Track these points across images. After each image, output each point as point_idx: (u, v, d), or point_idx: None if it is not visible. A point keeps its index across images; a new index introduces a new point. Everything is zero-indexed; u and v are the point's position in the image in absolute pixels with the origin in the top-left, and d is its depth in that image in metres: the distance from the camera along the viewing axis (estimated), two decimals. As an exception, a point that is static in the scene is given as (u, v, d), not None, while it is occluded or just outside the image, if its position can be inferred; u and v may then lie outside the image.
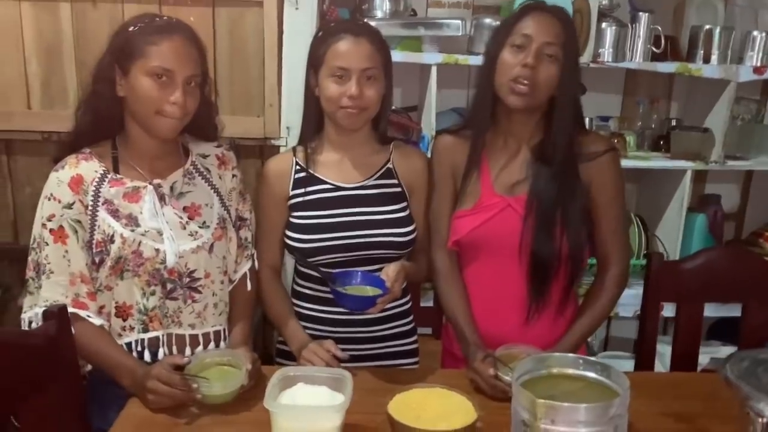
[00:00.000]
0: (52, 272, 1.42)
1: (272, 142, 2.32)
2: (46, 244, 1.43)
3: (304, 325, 1.63)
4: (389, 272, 1.48)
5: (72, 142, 1.51)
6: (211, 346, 1.56)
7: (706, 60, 2.43)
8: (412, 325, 1.76)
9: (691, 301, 1.76)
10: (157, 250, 1.46)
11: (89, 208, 1.44)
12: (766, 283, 1.76)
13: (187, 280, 1.51)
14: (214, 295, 1.56)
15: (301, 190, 1.63)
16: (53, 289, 1.42)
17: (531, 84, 1.48)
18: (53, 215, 1.43)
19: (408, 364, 1.73)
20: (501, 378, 1.39)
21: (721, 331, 2.65)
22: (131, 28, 1.44)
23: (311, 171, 1.65)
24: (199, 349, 1.53)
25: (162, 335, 1.50)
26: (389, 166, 1.67)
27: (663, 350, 1.91)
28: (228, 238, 1.60)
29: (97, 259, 1.45)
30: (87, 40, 2.24)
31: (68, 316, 1.36)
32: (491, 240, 1.57)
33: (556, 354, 1.24)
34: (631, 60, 2.40)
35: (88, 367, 1.50)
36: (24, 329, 1.43)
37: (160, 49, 1.41)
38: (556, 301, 1.59)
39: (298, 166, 1.66)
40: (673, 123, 2.66)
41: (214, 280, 1.55)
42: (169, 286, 1.49)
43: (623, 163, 1.77)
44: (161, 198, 1.50)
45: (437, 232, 1.65)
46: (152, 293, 1.48)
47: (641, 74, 2.63)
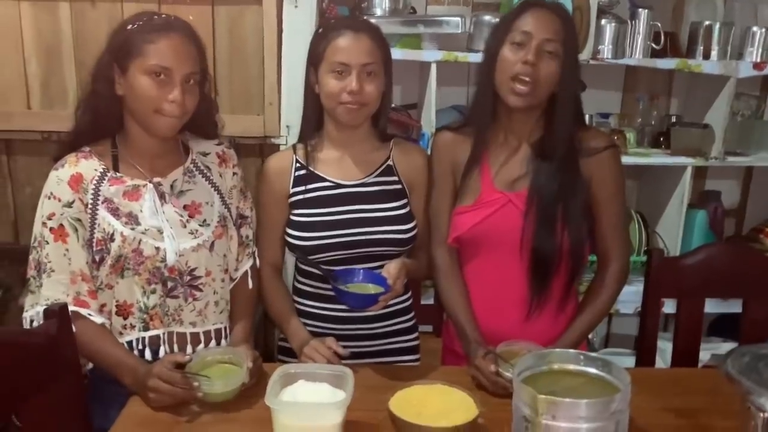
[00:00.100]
0: (53, 271, 1.42)
1: (272, 140, 2.32)
2: (47, 243, 1.43)
3: (305, 323, 1.63)
4: (391, 270, 1.48)
5: (72, 141, 1.51)
6: (212, 344, 1.56)
7: (706, 56, 2.44)
8: (413, 321, 1.76)
9: (692, 297, 1.76)
10: (158, 249, 1.46)
11: (89, 207, 1.44)
12: (767, 279, 1.75)
13: (188, 278, 1.51)
14: (215, 294, 1.56)
15: (302, 188, 1.63)
16: (54, 287, 1.42)
17: (532, 81, 1.47)
18: (53, 214, 1.43)
19: (409, 360, 1.73)
20: (502, 374, 1.39)
21: (722, 328, 2.65)
22: (129, 26, 1.44)
23: (311, 168, 1.64)
24: (200, 347, 1.53)
25: (163, 333, 1.50)
26: (389, 163, 1.66)
27: (664, 347, 1.91)
28: (229, 236, 1.59)
29: (97, 258, 1.45)
30: (86, 40, 2.24)
31: (69, 315, 1.36)
32: (492, 236, 1.56)
33: (557, 350, 1.24)
34: (631, 56, 2.40)
35: (90, 366, 1.50)
36: (25, 328, 1.43)
37: (158, 48, 1.40)
38: (557, 298, 1.59)
39: (298, 164, 1.65)
40: (673, 119, 2.66)
41: (215, 279, 1.55)
42: (170, 285, 1.49)
43: (623, 159, 1.77)
44: (161, 196, 1.50)
45: (437, 228, 1.64)
46: (153, 291, 1.48)
47: (641, 71, 2.63)
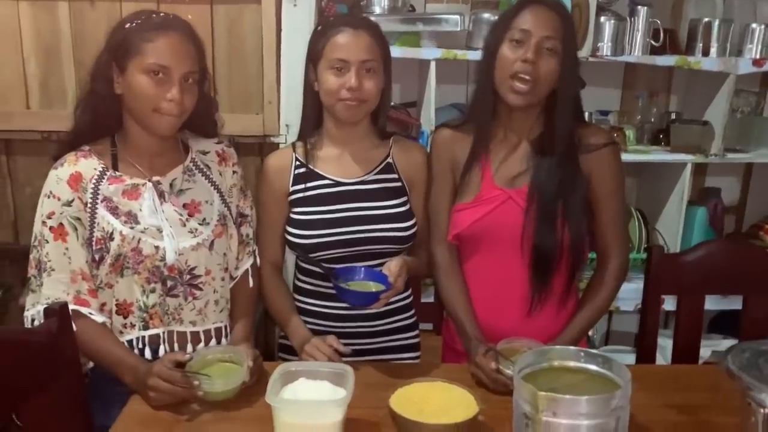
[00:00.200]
0: (53, 270, 1.42)
1: (271, 139, 2.32)
2: (47, 242, 1.43)
3: (306, 321, 1.63)
4: (391, 267, 1.49)
5: (71, 140, 1.51)
6: (213, 342, 1.56)
7: (705, 53, 2.43)
8: (414, 319, 1.76)
9: (692, 294, 1.76)
10: (157, 248, 1.46)
11: (88, 206, 1.44)
12: (767, 276, 1.75)
13: (188, 277, 1.51)
14: (215, 292, 1.56)
15: (301, 186, 1.63)
16: (54, 286, 1.42)
17: (531, 79, 1.47)
18: (53, 213, 1.43)
19: (410, 358, 1.73)
20: (502, 371, 1.39)
21: (722, 325, 2.65)
22: (128, 25, 1.43)
23: (311, 166, 1.64)
24: (201, 346, 1.53)
25: (163, 332, 1.50)
26: (389, 160, 1.66)
27: (664, 344, 1.91)
28: (229, 234, 1.59)
29: (96, 257, 1.45)
30: (85, 40, 2.24)
31: (69, 314, 1.36)
32: (492, 233, 1.56)
33: (557, 347, 1.24)
34: (630, 54, 2.40)
35: (90, 365, 1.50)
36: (25, 327, 1.43)
37: (156, 46, 1.40)
38: (557, 294, 1.58)
39: (298, 162, 1.65)
40: (673, 116, 2.66)
41: (215, 277, 1.55)
42: (170, 284, 1.49)
43: (623, 157, 1.77)
44: (161, 195, 1.50)
45: (437, 226, 1.64)
46: (152, 290, 1.48)
47: (640, 68, 2.62)
